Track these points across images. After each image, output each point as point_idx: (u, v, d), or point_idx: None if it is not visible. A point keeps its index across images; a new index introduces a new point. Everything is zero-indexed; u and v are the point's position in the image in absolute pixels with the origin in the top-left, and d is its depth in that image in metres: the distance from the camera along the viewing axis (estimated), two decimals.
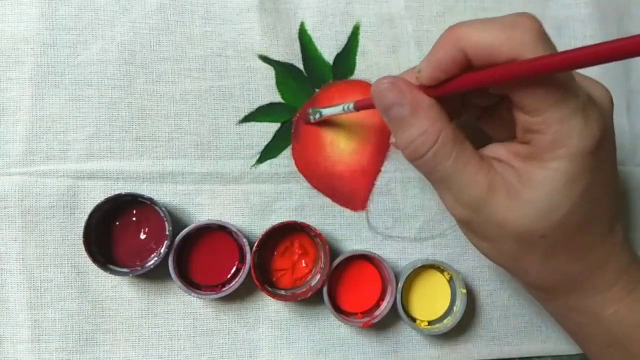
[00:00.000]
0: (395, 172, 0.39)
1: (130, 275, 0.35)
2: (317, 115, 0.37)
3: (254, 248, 0.35)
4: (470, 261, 0.40)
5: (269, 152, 0.38)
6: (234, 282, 0.36)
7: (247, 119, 0.38)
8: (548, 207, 0.26)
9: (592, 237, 0.28)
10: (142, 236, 0.36)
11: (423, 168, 0.28)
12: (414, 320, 0.38)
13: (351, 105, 0.33)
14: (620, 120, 0.41)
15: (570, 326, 0.32)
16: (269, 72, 0.38)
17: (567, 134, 0.24)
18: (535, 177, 0.26)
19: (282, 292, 0.37)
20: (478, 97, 0.31)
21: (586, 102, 0.25)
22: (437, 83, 0.27)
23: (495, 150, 0.28)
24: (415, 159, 0.28)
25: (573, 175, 0.25)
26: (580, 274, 0.28)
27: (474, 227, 0.28)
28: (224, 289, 0.36)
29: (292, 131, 0.38)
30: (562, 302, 0.30)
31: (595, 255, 0.28)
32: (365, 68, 0.39)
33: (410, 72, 0.28)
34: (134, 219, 0.36)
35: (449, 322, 0.37)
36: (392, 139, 0.30)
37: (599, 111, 0.26)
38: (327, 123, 0.39)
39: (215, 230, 0.36)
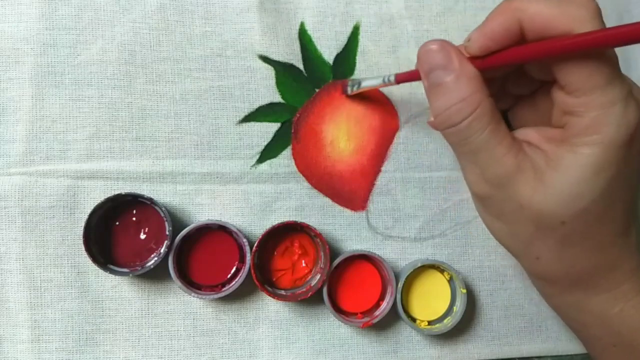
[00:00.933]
0: (395, 172, 0.39)
1: (130, 275, 0.35)
2: (356, 87, 0.37)
3: (254, 248, 0.35)
4: (470, 261, 0.40)
5: (269, 152, 0.38)
6: (234, 282, 0.36)
7: (247, 119, 0.38)
8: (574, 193, 0.25)
9: (608, 233, 0.27)
10: (142, 236, 0.36)
11: (454, 138, 0.27)
12: (414, 320, 0.38)
13: (392, 77, 0.33)
14: None
15: (573, 324, 0.32)
16: (269, 72, 0.38)
17: (606, 120, 0.24)
18: (564, 161, 0.25)
19: (282, 292, 0.37)
20: (515, 84, 0.30)
21: (629, 92, 0.25)
22: (485, 54, 0.26)
23: (526, 133, 0.28)
24: (448, 127, 0.27)
25: (603, 164, 0.25)
26: (591, 270, 0.28)
27: (492, 204, 0.28)
28: (224, 289, 0.36)
29: (292, 131, 0.38)
30: (567, 297, 0.30)
31: (609, 253, 0.28)
32: (365, 68, 0.39)
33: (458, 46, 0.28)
34: (134, 219, 0.36)
35: (449, 322, 0.37)
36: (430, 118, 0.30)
37: (637, 104, 0.25)
38: (327, 123, 0.39)
39: (215, 230, 0.36)
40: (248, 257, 0.35)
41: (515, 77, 0.30)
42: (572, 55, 0.24)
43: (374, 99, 0.39)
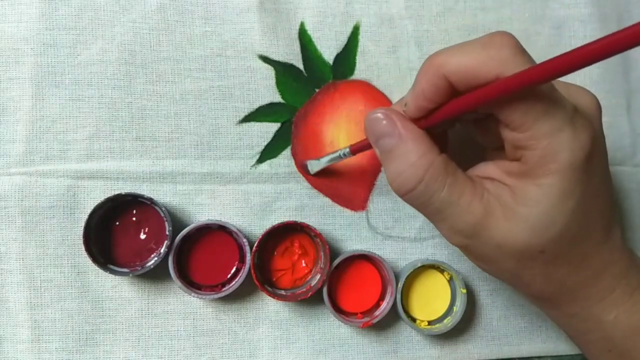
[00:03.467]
0: None
1: (130, 275, 0.35)
2: (315, 168, 0.38)
3: (253, 248, 0.35)
4: (470, 261, 0.40)
5: (269, 152, 0.38)
6: (234, 282, 0.36)
7: (247, 119, 0.38)
8: (545, 223, 0.26)
9: (589, 246, 0.28)
10: (142, 236, 0.36)
11: (415, 202, 0.28)
12: (414, 320, 0.38)
13: (347, 150, 0.34)
14: (620, 120, 0.41)
15: (571, 332, 0.32)
16: (269, 72, 0.38)
17: (557, 147, 0.24)
18: (529, 195, 0.25)
19: (282, 292, 0.37)
20: (467, 114, 0.31)
21: (573, 113, 0.25)
22: (425, 114, 0.27)
23: (487, 169, 0.28)
24: (404, 194, 0.28)
25: (566, 189, 0.25)
26: (581, 283, 0.28)
27: (473, 251, 0.29)
28: (224, 289, 0.36)
29: (292, 131, 0.38)
30: (564, 310, 0.30)
31: (594, 263, 0.28)
32: (365, 68, 0.39)
33: (398, 105, 0.29)
34: (134, 219, 0.36)
35: (449, 322, 0.37)
36: None
37: (587, 120, 0.25)
38: (327, 123, 0.39)
39: (215, 230, 0.36)
40: (248, 257, 0.35)
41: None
42: (508, 96, 0.24)
43: (374, 99, 0.39)
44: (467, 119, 0.31)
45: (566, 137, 0.24)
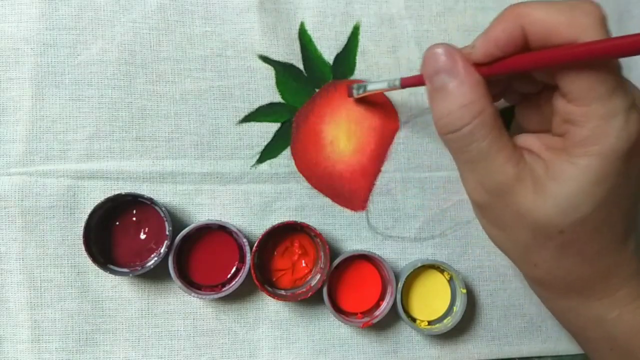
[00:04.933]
0: (395, 172, 0.39)
1: (130, 275, 0.35)
2: (361, 90, 0.37)
3: (253, 248, 0.35)
4: (470, 261, 0.40)
5: (269, 152, 0.38)
6: (234, 282, 0.36)
7: (247, 119, 0.38)
8: (572, 204, 0.25)
9: (606, 241, 0.27)
10: (142, 236, 0.36)
11: (454, 144, 0.27)
12: (414, 320, 0.38)
13: (397, 82, 0.32)
14: None
15: (570, 326, 0.32)
16: (269, 72, 0.38)
17: (606, 131, 0.24)
18: (563, 172, 0.25)
19: (282, 292, 0.37)
20: (521, 83, 0.30)
21: (632, 104, 0.24)
22: (489, 60, 0.26)
23: (527, 140, 0.28)
24: (448, 132, 0.27)
25: (602, 175, 0.25)
26: (589, 277, 0.28)
27: (491, 212, 0.28)
28: (224, 289, 0.36)
29: (292, 131, 0.38)
30: (565, 302, 0.30)
31: (607, 261, 0.28)
32: (365, 68, 0.39)
33: (465, 47, 0.28)
34: (134, 219, 0.36)
35: (449, 322, 0.37)
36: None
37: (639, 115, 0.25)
38: (327, 123, 0.39)
39: (215, 230, 0.36)
40: (248, 257, 0.35)
41: (521, 76, 0.30)
42: (575, 65, 0.24)
43: (374, 99, 0.39)
44: (521, 90, 0.30)
45: (617, 124, 0.24)
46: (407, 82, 0.32)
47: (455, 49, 0.27)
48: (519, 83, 0.30)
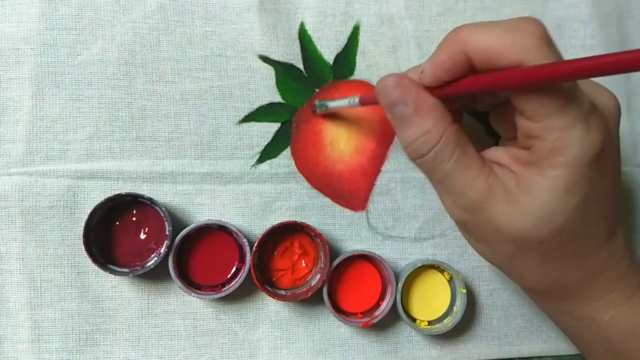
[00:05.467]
0: (395, 172, 0.39)
1: (130, 275, 0.35)
2: (324, 108, 0.37)
3: (254, 248, 0.35)
4: (470, 261, 0.40)
5: (269, 152, 0.38)
6: (234, 282, 0.36)
7: (247, 119, 0.38)
8: (546, 215, 0.26)
9: (589, 245, 0.27)
10: (142, 236, 0.36)
11: (424, 167, 0.28)
12: (414, 320, 0.38)
13: (357, 100, 0.33)
14: (620, 121, 0.41)
15: (566, 329, 0.32)
16: (269, 72, 0.38)
17: (567, 142, 0.24)
18: (534, 184, 0.25)
19: (282, 292, 0.37)
20: (484, 96, 0.31)
21: (589, 111, 0.25)
22: (440, 84, 0.26)
23: (496, 154, 0.28)
24: (416, 158, 0.28)
25: (572, 184, 0.25)
26: (577, 281, 0.28)
27: (471, 228, 0.29)
28: (224, 289, 0.36)
29: (292, 131, 0.38)
30: (558, 306, 0.30)
31: (593, 263, 0.28)
32: (365, 68, 0.39)
33: (413, 71, 0.28)
34: (134, 219, 0.36)
35: (449, 322, 0.37)
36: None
37: (602, 120, 0.25)
38: (327, 123, 0.39)
39: (215, 230, 0.36)
40: (248, 257, 0.35)
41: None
42: (526, 86, 0.24)
43: (374, 99, 0.39)
44: (486, 102, 0.31)
45: (577, 134, 0.24)
46: (366, 100, 0.33)
47: (406, 78, 0.27)
48: (482, 96, 0.31)
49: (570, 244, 0.27)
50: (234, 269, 0.36)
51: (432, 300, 0.38)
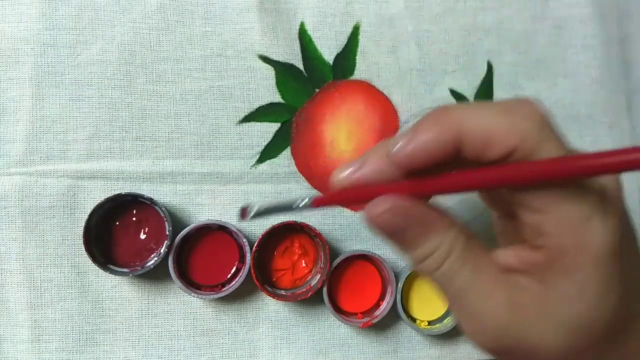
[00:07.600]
0: None
1: (130, 275, 0.35)
2: (253, 209, 0.26)
3: (253, 248, 0.35)
4: None
5: (269, 152, 0.38)
6: (234, 282, 0.36)
7: (247, 119, 0.38)
8: (585, 324, 0.22)
9: (632, 329, 0.24)
10: (142, 236, 0.36)
11: (438, 281, 0.24)
12: (414, 320, 0.38)
13: (307, 202, 0.25)
14: (620, 120, 0.41)
15: None
16: (269, 72, 0.38)
17: (588, 237, 0.21)
18: (562, 294, 0.22)
19: (282, 292, 0.37)
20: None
21: (603, 196, 0.21)
22: (411, 166, 0.22)
23: (504, 258, 0.24)
24: (429, 274, 0.24)
25: (605, 282, 0.21)
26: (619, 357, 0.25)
27: (502, 351, 0.25)
28: (224, 289, 0.36)
29: (292, 131, 0.38)
30: None
31: (631, 344, 0.24)
32: (365, 68, 0.39)
33: (378, 151, 0.23)
34: (134, 219, 0.36)
35: (449, 322, 0.37)
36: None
37: (614, 201, 0.22)
38: (327, 123, 0.39)
39: (215, 230, 0.36)
40: (248, 257, 0.35)
41: None
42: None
43: (374, 99, 0.39)
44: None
45: (597, 226, 0.21)
46: (320, 204, 0.25)
47: (400, 202, 0.23)
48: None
49: (609, 341, 0.23)
50: (233, 269, 0.36)
51: (432, 300, 0.38)
